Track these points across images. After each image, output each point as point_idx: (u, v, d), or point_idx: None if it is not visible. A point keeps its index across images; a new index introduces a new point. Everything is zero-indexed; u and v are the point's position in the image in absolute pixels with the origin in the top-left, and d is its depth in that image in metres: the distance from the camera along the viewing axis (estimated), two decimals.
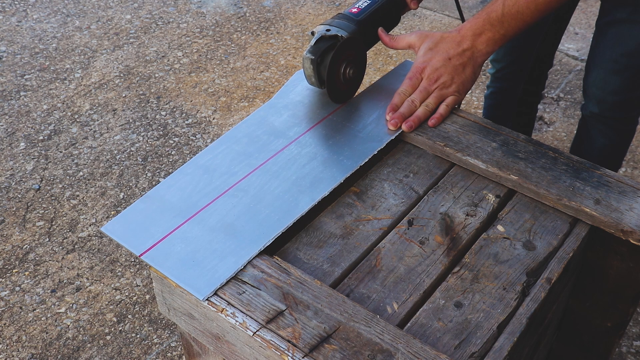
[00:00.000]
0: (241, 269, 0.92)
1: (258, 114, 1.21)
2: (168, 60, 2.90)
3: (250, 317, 0.85)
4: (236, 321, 0.85)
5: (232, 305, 0.87)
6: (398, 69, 1.33)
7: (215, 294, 0.89)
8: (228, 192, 1.05)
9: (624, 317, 1.14)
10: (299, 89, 1.27)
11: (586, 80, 1.58)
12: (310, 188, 1.05)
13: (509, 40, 1.19)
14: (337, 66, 1.18)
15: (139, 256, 0.94)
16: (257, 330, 0.84)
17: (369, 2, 1.25)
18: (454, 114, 1.20)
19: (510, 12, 1.14)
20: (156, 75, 2.81)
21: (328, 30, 1.18)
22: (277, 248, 0.97)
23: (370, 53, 2.92)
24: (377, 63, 2.87)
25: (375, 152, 1.12)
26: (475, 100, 2.68)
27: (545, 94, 2.70)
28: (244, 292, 0.89)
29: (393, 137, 1.14)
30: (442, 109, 1.19)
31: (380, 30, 1.27)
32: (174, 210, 1.01)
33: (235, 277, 0.91)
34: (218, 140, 1.14)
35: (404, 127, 1.15)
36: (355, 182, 1.09)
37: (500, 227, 1.01)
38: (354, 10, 1.23)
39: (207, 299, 0.88)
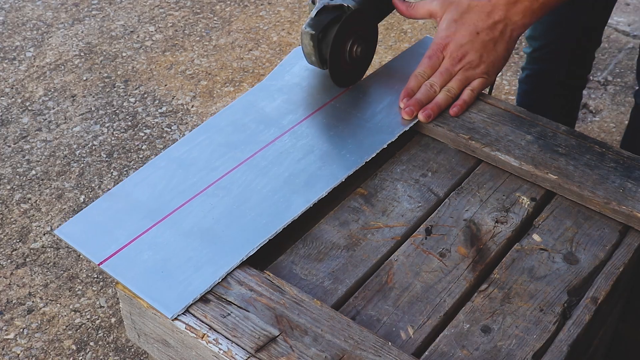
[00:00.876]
0: (220, 282, 0.92)
1: (246, 99, 1.21)
2: (138, 37, 2.91)
3: (236, 344, 0.86)
4: (220, 349, 0.86)
5: (215, 330, 0.87)
6: (416, 47, 1.34)
7: (189, 311, 0.89)
8: (207, 190, 1.05)
9: None
10: (296, 70, 1.27)
11: (639, 60, 1.57)
12: (305, 187, 1.05)
13: (548, 12, 1.17)
14: (342, 43, 1.17)
15: (98, 265, 0.95)
16: None
17: None
18: (481, 100, 1.21)
19: None
20: (124, 54, 2.82)
21: None
22: (268, 261, 0.98)
23: (380, 28, 2.92)
24: (389, 40, 2.88)
25: (385, 146, 1.12)
26: (506, 85, 2.69)
27: (591, 77, 2.70)
28: (229, 314, 0.89)
29: (407, 128, 1.15)
30: (466, 94, 1.18)
31: (396, 1, 1.27)
32: (142, 211, 1.02)
33: (216, 295, 0.91)
34: (197, 129, 1.15)
35: (420, 116, 1.15)
36: (363, 182, 1.09)
37: (536, 237, 1.02)
38: None
39: (177, 318, 0.88)
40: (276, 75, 1.26)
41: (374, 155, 1.10)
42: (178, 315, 0.89)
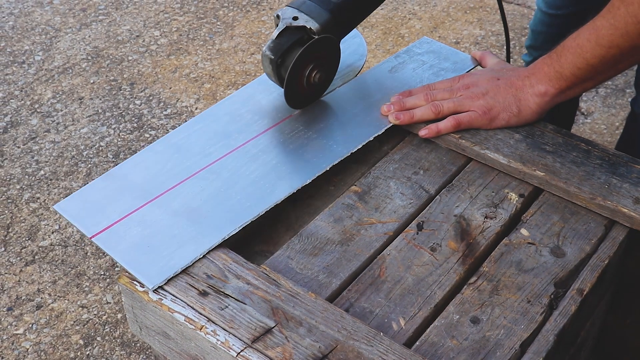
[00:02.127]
0: (200, 258, 0.95)
1: (245, 91, 1.24)
2: (143, 41, 2.92)
3: (233, 335, 0.86)
4: (217, 340, 0.86)
5: (213, 322, 0.88)
6: (413, 47, 1.35)
7: (187, 304, 0.90)
8: (198, 174, 1.08)
9: None
10: None
11: (634, 130, 1.52)
12: (290, 174, 1.07)
13: (565, 85, 1.10)
14: (301, 70, 1.13)
15: (90, 238, 0.98)
16: (242, 351, 0.85)
17: None
18: None
19: (570, 44, 1.07)
20: (129, 58, 2.82)
21: (295, 18, 1.11)
22: (265, 256, 0.98)
23: (379, 32, 2.93)
24: (387, 44, 2.88)
25: (371, 139, 1.14)
26: None
27: None
28: (226, 306, 0.90)
29: (389, 125, 1.16)
30: (447, 121, 1.14)
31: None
32: (135, 191, 1.05)
33: (214, 288, 0.92)
34: (195, 117, 1.18)
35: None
36: (357, 180, 1.10)
37: (524, 231, 1.02)
38: None
39: (186, 316, 0.89)
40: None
41: (359, 147, 1.12)
42: (158, 286, 0.92)
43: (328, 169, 1.08)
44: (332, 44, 1.15)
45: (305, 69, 1.13)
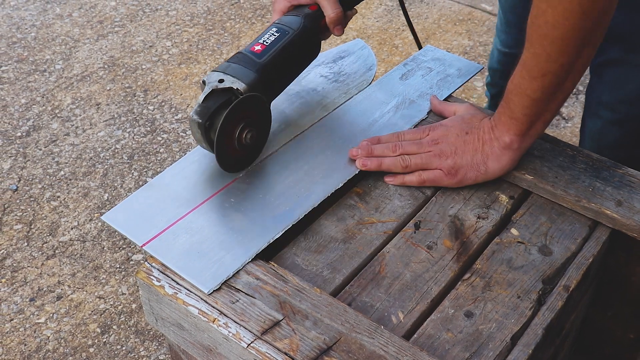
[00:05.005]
0: (241, 269, 0.93)
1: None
2: (156, 51, 2.91)
3: (244, 327, 0.86)
4: (229, 332, 0.85)
5: (225, 315, 0.87)
6: (419, 55, 1.35)
7: (201, 298, 0.89)
8: (235, 182, 1.06)
9: None
10: (311, 76, 1.30)
11: (582, 130, 1.47)
12: (323, 178, 1.07)
13: (524, 127, 1.02)
14: (230, 132, 1.03)
15: (141, 247, 0.96)
16: (252, 342, 0.84)
17: (277, 34, 1.10)
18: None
19: (511, 87, 1.00)
20: (143, 66, 2.81)
21: (221, 80, 1.03)
22: (273, 253, 0.98)
23: (374, 43, 2.93)
24: (382, 54, 2.87)
25: None
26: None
27: None
28: (237, 300, 0.89)
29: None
30: (412, 176, 1.08)
31: (433, 97, 1.20)
32: (178, 200, 1.03)
33: (226, 284, 0.91)
34: None
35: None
36: (358, 182, 1.09)
37: (514, 231, 1.02)
38: (257, 48, 1.08)
39: (199, 309, 0.88)
40: (295, 81, 1.27)
41: None
42: (213, 290, 0.90)
43: (357, 172, 1.08)
44: (260, 102, 1.06)
45: (235, 129, 1.03)
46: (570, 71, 0.95)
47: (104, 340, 1.80)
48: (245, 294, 0.90)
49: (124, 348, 1.79)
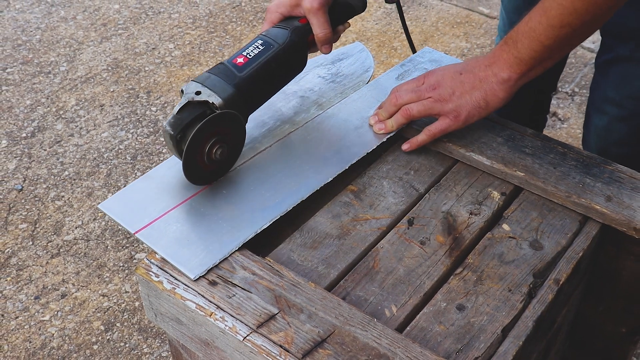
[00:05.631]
0: (230, 257, 0.95)
1: None
2: (159, 53, 2.92)
3: (240, 321, 0.86)
4: (226, 325, 0.86)
5: (222, 309, 0.88)
6: (416, 57, 1.36)
7: (199, 293, 0.90)
8: (230, 174, 1.08)
9: (639, 322, 1.14)
10: (309, 77, 1.31)
11: (586, 127, 1.47)
12: (314, 173, 1.08)
13: (526, 68, 1.04)
14: (200, 147, 1.00)
15: (134, 234, 0.98)
16: (248, 335, 0.85)
17: (262, 47, 1.08)
18: None
19: (524, 29, 1.02)
20: (146, 68, 2.82)
21: (198, 92, 1.00)
22: (269, 249, 0.98)
23: (374, 45, 2.93)
24: (381, 56, 2.88)
25: (384, 140, 1.14)
26: None
27: (560, 89, 2.70)
28: (234, 295, 0.90)
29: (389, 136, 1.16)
30: (423, 135, 1.11)
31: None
32: (172, 191, 1.05)
33: (223, 278, 0.92)
34: None
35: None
36: (353, 179, 1.09)
37: (505, 226, 1.02)
38: (240, 60, 1.05)
39: (197, 304, 0.89)
40: (292, 81, 1.28)
41: (374, 148, 1.13)
42: (199, 276, 0.92)
43: (347, 167, 1.09)
44: (235, 119, 1.03)
45: (205, 145, 1.00)
46: (586, 31, 0.99)
47: (107, 337, 1.81)
48: (242, 288, 0.90)
49: (127, 345, 1.79)
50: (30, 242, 2.06)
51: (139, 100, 2.64)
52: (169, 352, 1.77)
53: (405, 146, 1.13)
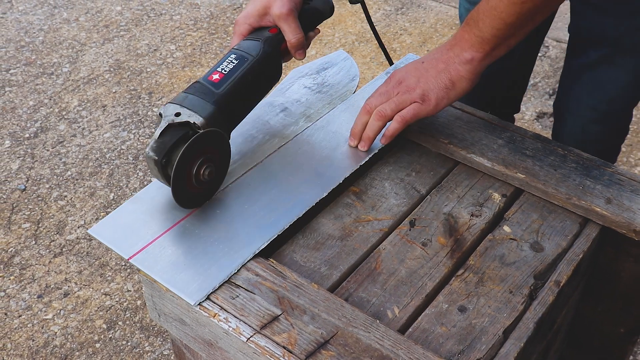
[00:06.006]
0: (235, 273, 0.93)
1: (252, 113, 1.20)
2: (160, 54, 2.91)
3: (244, 322, 0.86)
4: (229, 327, 0.86)
5: (225, 310, 0.87)
6: (400, 64, 1.34)
7: (208, 298, 0.89)
8: (220, 192, 1.05)
9: (637, 323, 1.14)
10: (295, 87, 1.28)
11: (560, 130, 1.46)
12: (308, 188, 1.05)
13: (489, 47, 1.03)
14: (187, 169, 0.96)
15: (128, 259, 0.95)
16: (251, 336, 0.84)
17: (236, 61, 1.05)
18: (458, 109, 1.21)
19: (485, 8, 1.01)
20: (148, 69, 2.82)
21: (178, 114, 0.97)
22: (272, 250, 0.98)
23: (372, 47, 2.93)
24: (380, 57, 2.87)
25: (376, 151, 1.12)
26: None
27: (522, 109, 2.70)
28: (237, 296, 0.89)
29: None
30: (395, 122, 1.08)
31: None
32: (164, 212, 1.01)
33: (228, 281, 0.91)
34: None
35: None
36: (355, 181, 1.09)
37: (506, 228, 1.02)
38: (215, 77, 1.03)
39: (199, 304, 0.89)
40: (277, 92, 1.26)
41: (367, 160, 1.11)
42: (200, 302, 0.89)
43: (341, 181, 1.06)
44: (219, 137, 1.00)
45: (192, 166, 0.96)
46: (548, 5, 0.98)
47: (109, 335, 1.81)
48: (245, 289, 0.90)
49: (129, 343, 1.79)
50: (33, 242, 2.06)
51: (140, 101, 2.64)
52: (171, 351, 1.77)
53: (382, 140, 1.10)
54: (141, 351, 1.77)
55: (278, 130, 1.17)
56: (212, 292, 0.90)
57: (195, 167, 0.97)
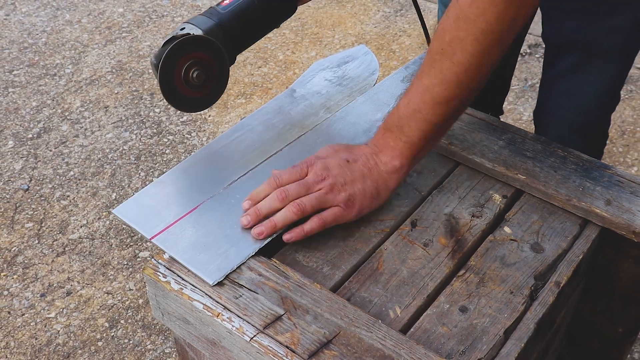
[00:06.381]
0: (252, 255, 0.94)
1: (274, 103, 1.24)
2: None
3: (247, 321, 0.86)
4: (232, 326, 0.85)
5: (229, 310, 0.87)
6: (420, 59, 1.34)
7: (206, 293, 0.89)
8: (242, 178, 1.07)
9: (636, 322, 1.14)
10: (316, 80, 1.30)
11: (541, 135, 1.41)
12: None
13: (417, 151, 0.99)
14: (174, 68, 0.99)
15: (150, 239, 0.97)
16: (254, 336, 0.84)
17: None
18: None
19: (406, 112, 0.96)
20: (150, 71, 2.81)
21: (183, 28, 1.04)
22: (275, 250, 0.97)
23: (372, 48, 2.92)
24: (380, 58, 2.87)
25: None
26: None
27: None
28: (240, 295, 0.89)
29: None
30: (311, 222, 0.96)
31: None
32: (186, 196, 1.04)
33: (230, 279, 0.91)
34: (233, 127, 1.17)
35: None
36: None
37: (507, 229, 1.01)
38: (225, 2, 1.07)
39: (204, 304, 0.88)
40: (299, 84, 1.28)
41: None
42: (217, 281, 0.90)
43: None
44: (212, 46, 1.01)
45: (181, 66, 0.99)
46: (472, 96, 0.94)
47: (112, 334, 1.80)
48: (248, 289, 0.90)
49: (131, 342, 1.79)
50: (36, 241, 2.05)
51: (142, 101, 2.63)
52: (172, 349, 1.77)
53: (287, 236, 0.96)
54: (143, 349, 1.77)
55: (298, 120, 1.19)
56: (230, 273, 0.92)
57: (184, 67, 1.00)
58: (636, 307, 1.11)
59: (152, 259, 0.95)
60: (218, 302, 0.88)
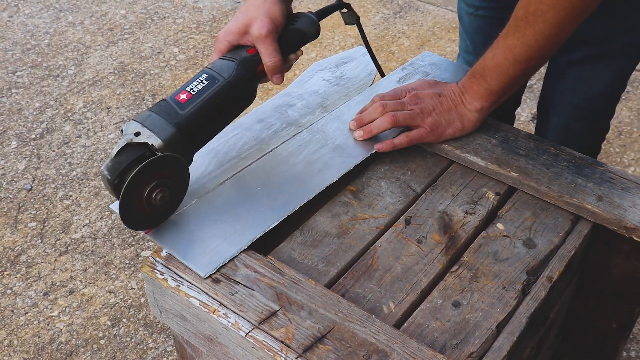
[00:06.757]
0: (238, 255, 0.95)
1: (272, 102, 1.25)
2: (164, 57, 2.92)
3: (242, 317, 0.86)
4: (228, 322, 0.86)
5: (225, 306, 0.88)
6: (417, 60, 1.36)
7: (202, 290, 0.90)
8: (237, 175, 1.08)
9: (629, 318, 1.14)
10: (314, 80, 1.31)
11: (544, 127, 1.47)
12: (319, 173, 1.08)
13: (497, 97, 1.11)
14: (138, 192, 0.91)
15: (145, 233, 0.98)
16: (250, 331, 0.85)
17: (206, 82, 1.00)
18: None
19: (490, 65, 1.08)
20: (151, 72, 2.82)
21: (137, 133, 0.92)
22: (270, 248, 0.98)
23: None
24: (379, 59, 2.87)
25: (373, 151, 1.13)
26: None
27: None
28: (236, 292, 0.89)
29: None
30: (400, 137, 1.12)
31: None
32: None
33: (226, 276, 0.92)
34: (230, 125, 1.17)
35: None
36: (352, 180, 1.09)
37: (500, 225, 1.02)
38: (183, 97, 0.97)
39: (200, 301, 0.89)
40: (297, 84, 1.29)
41: (372, 152, 1.13)
42: (209, 274, 0.92)
43: (352, 168, 1.09)
44: (176, 162, 0.94)
45: (143, 189, 0.92)
46: (547, 59, 1.07)
47: (114, 332, 1.81)
48: (244, 286, 0.90)
49: (133, 340, 1.79)
50: (39, 240, 2.06)
51: (144, 102, 2.64)
52: (174, 347, 1.77)
53: (378, 146, 1.12)
54: (145, 347, 1.77)
55: (295, 119, 1.20)
56: (222, 266, 0.93)
57: (147, 190, 0.92)
58: (628, 303, 1.11)
59: (150, 257, 0.95)
60: (214, 299, 0.89)
